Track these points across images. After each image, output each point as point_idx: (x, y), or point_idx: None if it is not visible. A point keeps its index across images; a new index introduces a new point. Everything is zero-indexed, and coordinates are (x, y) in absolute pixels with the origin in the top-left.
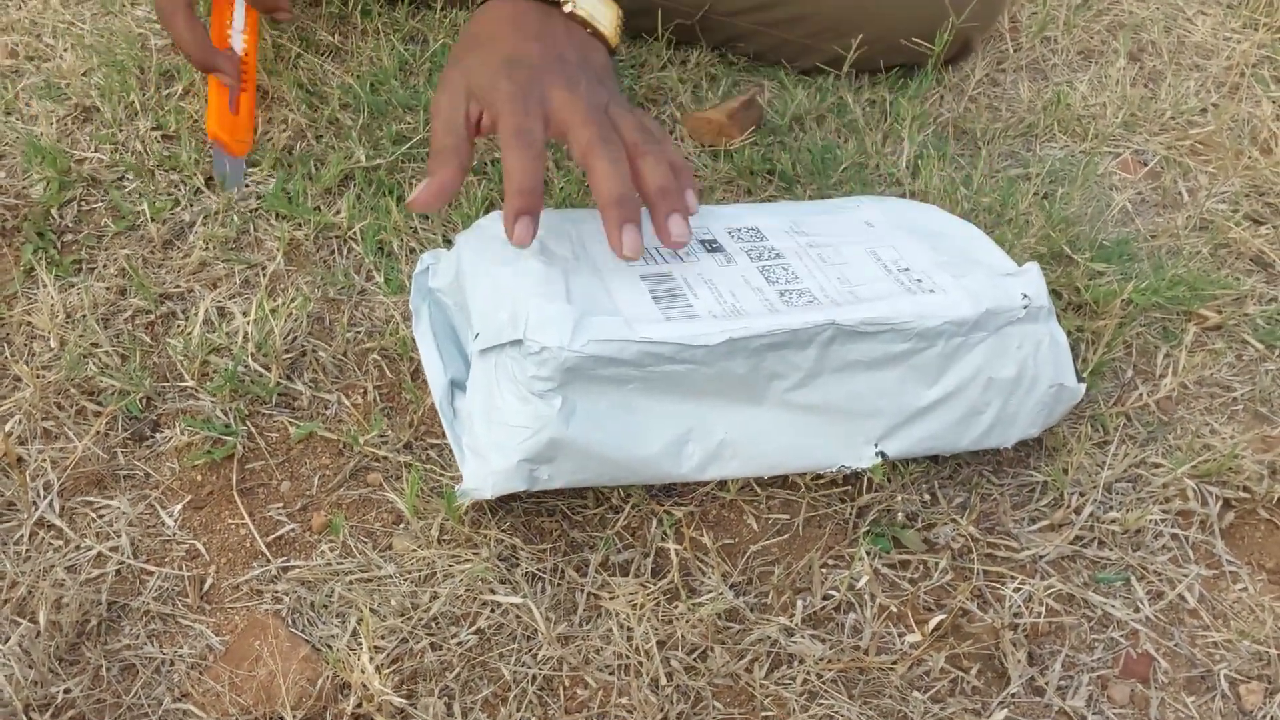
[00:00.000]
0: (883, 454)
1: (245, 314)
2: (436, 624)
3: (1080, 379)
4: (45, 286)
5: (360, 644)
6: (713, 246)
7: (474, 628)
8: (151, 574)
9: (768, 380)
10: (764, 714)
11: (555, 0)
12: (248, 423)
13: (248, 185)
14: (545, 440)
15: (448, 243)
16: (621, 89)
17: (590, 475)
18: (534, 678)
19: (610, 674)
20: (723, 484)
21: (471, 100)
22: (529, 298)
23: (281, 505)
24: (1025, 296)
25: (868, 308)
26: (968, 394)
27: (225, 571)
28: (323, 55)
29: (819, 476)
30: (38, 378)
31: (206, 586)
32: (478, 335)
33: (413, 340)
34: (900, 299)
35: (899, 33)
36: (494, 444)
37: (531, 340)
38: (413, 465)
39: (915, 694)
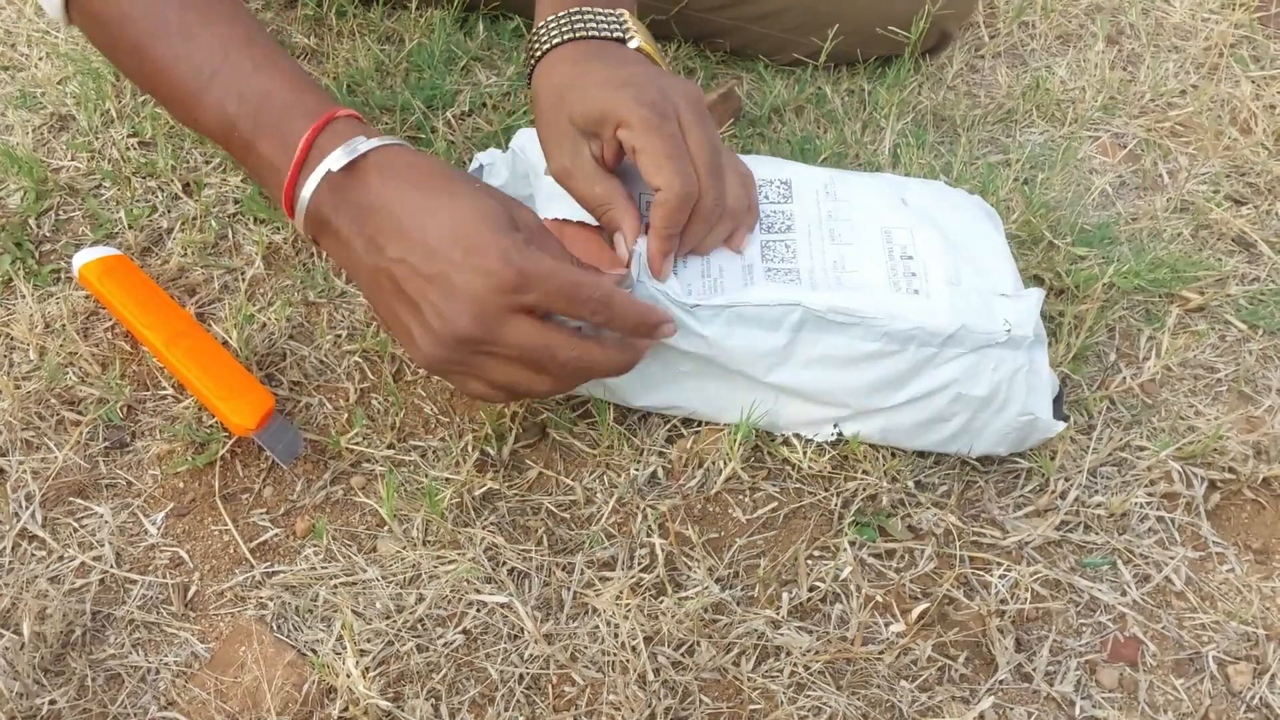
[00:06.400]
0: (840, 433)
1: (225, 319)
2: (422, 625)
3: (1063, 417)
4: (24, 297)
5: (345, 648)
6: None
7: (460, 628)
8: (135, 582)
9: (735, 363)
10: (752, 707)
11: (621, 37)
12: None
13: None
14: None
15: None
16: None
17: None
18: (521, 677)
19: (597, 671)
20: (707, 479)
21: (590, 139)
22: None
23: (264, 510)
24: (1006, 322)
25: (841, 296)
26: (934, 402)
27: (209, 578)
28: (298, 57)
29: (808, 465)
30: (17, 388)
31: (191, 594)
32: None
33: (392, 339)
34: (881, 294)
35: (875, 23)
36: None
37: None
38: (392, 468)
39: (903, 683)
